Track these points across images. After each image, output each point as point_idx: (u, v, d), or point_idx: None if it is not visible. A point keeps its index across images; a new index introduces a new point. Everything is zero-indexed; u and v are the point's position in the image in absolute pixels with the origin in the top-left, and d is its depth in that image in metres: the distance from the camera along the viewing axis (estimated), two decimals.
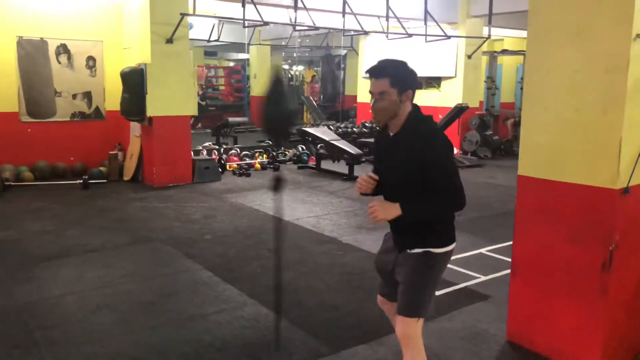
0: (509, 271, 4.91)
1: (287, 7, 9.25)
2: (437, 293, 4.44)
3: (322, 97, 18.61)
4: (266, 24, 8.73)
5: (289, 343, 3.61)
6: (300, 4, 9.03)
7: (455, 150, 12.23)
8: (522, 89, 13.61)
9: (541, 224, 3.44)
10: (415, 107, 2.55)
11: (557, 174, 3.33)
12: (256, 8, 8.35)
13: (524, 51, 14.07)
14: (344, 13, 9.68)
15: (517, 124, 13.31)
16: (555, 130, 3.32)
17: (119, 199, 7.71)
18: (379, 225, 6.75)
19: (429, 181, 2.40)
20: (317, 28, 9.64)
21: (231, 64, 26.44)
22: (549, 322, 3.43)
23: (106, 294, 4.36)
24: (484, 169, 10.95)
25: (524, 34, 14.84)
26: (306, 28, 9.74)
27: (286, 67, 31.07)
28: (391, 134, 2.59)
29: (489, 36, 11.92)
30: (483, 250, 5.60)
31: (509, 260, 5.16)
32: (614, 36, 3.00)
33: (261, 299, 4.27)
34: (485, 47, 12.43)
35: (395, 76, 2.48)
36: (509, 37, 15.09)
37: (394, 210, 2.42)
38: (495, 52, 14.09)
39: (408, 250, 2.58)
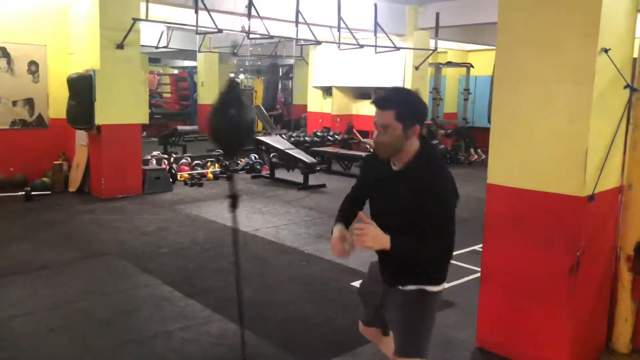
0: (470, 277, 5.07)
1: (241, 14, 9.13)
2: None
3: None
4: (220, 31, 8.58)
5: (260, 358, 3.50)
6: (254, 13, 8.94)
7: None
8: (465, 99, 14.22)
9: (510, 231, 3.51)
10: (425, 144, 2.31)
11: (526, 183, 3.41)
12: (210, 15, 8.19)
13: (467, 63, 14.61)
14: (297, 23, 9.67)
15: (447, 135, 13.67)
16: (524, 139, 3.40)
17: (66, 212, 7.32)
18: None
19: (426, 223, 2.22)
20: (271, 37, 9.59)
21: (175, 71, 25.95)
22: (518, 327, 3.50)
23: (60, 314, 4.09)
24: None
25: (466, 46, 15.55)
26: (260, 36, 9.65)
27: (232, 75, 30.88)
28: (394, 167, 2.36)
29: (436, 48, 12.22)
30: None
31: (469, 267, 5.31)
32: (581, 49, 3.11)
33: (227, 313, 4.13)
34: (430, 59, 12.76)
35: (401, 109, 2.22)
36: (452, 49, 15.56)
37: (383, 242, 2.21)
38: (440, 63, 14.48)
39: (400, 287, 2.41)
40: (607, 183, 3.32)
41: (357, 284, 4.86)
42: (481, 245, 5.99)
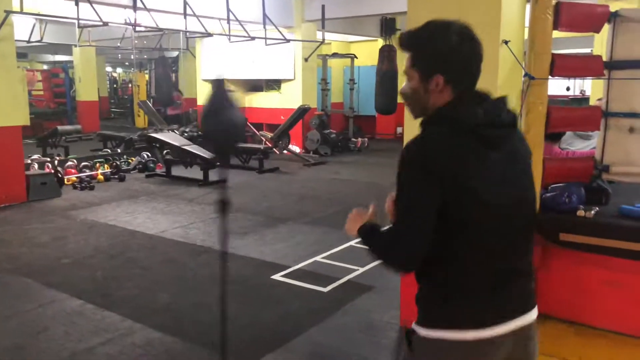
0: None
1: (126, 7, 8.67)
2: (324, 290, 4.60)
3: (151, 101, 17.77)
4: (105, 24, 8.08)
5: None
6: (140, 4, 8.53)
7: (299, 149, 12.61)
8: (351, 89, 14.65)
9: None
10: (452, 103, 1.57)
11: None
12: (93, 7, 7.69)
13: (352, 54, 15.04)
14: (185, 14, 9.39)
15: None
16: None
17: None
18: (252, 229, 6.70)
19: None
20: (160, 29, 9.20)
21: (45, 66, 24.02)
22: None
23: None
24: (328, 165, 11.43)
25: (349, 37, 16.01)
26: (146, 29, 9.23)
27: (109, 69, 29.18)
28: None
29: (324, 40, 12.50)
30: (352, 243, 5.83)
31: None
32: (484, 41, 3.33)
33: (149, 321, 3.96)
34: (317, 51, 13.01)
35: (418, 50, 1.60)
36: (336, 41, 15.96)
37: (355, 226, 1.75)
38: (327, 55, 14.78)
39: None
40: None
41: (276, 276, 4.89)
42: (385, 228, 6.36)
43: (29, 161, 9.02)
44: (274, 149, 11.61)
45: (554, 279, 3.26)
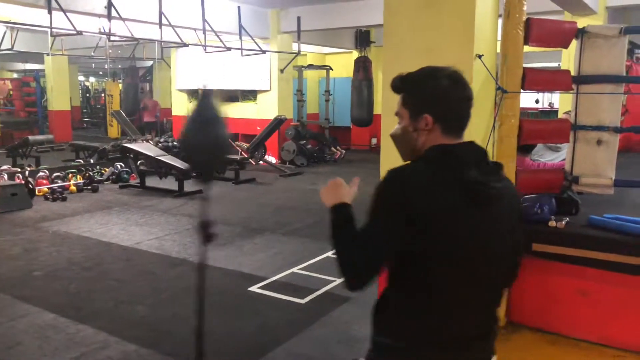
0: None
1: (100, 16, 8.59)
2: (302, 301, 4.61)
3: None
4: (79, 33, 7.99)
5: None
6: (114, 14, 8.47)
7: (275, 160, 12.61)
8: (326, 100, 14.74)
9: None
10: (440, 147, 1.56)
11: None
12: (67, 16, 7.60)
13: (327, 66, 15.17)
14: (160, 24, 9.35)
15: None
16: None
17: None
18: (229, 240, 6.66)
19: None
20: (135, 39, 9.14)
21: (15, 75, 23.58)
22: None
23: None
24: (304, 176, 11.45)
25: (325, 49, 16.14)
26: (120, 39, 9.16)
27: (82, 78, 28.76)
28: None
29: (299, 51, 12.59)
30: (329, 254, 5.87)
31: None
32: (459, 55, 3.43)
33: (124, 334, 3.91)
34: (293, 62, 13.10)
35: (410, 90, 1.63)
36: (311, 52, 16.07)
37: (331, 199, 1.70)
38: (303, 66, 14.86)
39: None
40: None
41: (253, 288, 4.88)
42: None
43: None
44: (250, 160, 11.59)
45: (527, 289, 3.34)
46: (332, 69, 15.10)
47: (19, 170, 9.44)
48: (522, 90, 3.69)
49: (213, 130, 1.79)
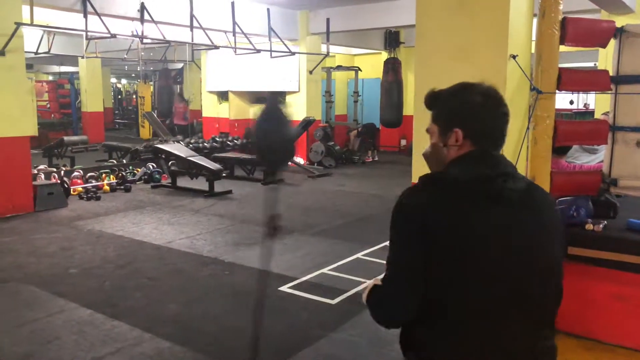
0: None
1: (133, 19, 8.76)
2: (332, 302, 4.61)
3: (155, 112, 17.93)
4: (113, 36, 8.17)
5: None
6: (147, 17, 8.63)
7: (303, 161, 12.65)
8: (355, 102, 14.70)
9: None
10: (462, 158, 1.50)
11: None
12: (101, 19, 7.77)
13: (356, 67, 15.12)
14: (192, 27, 9.47)
15: (359, 134, 14.18)
16: None
17: None
18: (259, 240, 6.69)
19: None
20: (166, 41, 9.29)
21: (50, 77, 24.20)
22: None
23: None
24: (332, 177, 11.46)
25: (354, 50, 16.12)
26: (152, 41, 9.32)
27: (114, 80, 29.34)
28: None
29: (328, 53, 12.60)
30: (359, 255, 5.87)
31: (383, 262, 5.55)
32: (492, 56, 3.40)
33: (157, 331, 3.99)
34: (322, 63, 13.12)
35: (441, 105, 1.60)
36: (339, 53, 16.07)
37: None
38: (331, 67, 14.88)
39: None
40: None
41: (283, 288, 4.91)
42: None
43: (36, 171, 9.07)
44: None
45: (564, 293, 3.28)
46: (360, 70, 15.07)
47: (54, 170, 9.68)
48: (557, 91, 3.63)
49: (283, 131, 1.91)
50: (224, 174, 9.60)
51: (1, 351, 3.70)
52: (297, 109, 13.13)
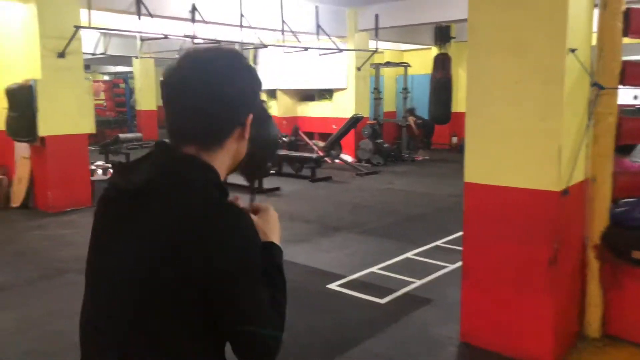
0: (440, 273, 5.21)
1: (185, 19, 8.95)
2: (381, 301, 4.57)
3: None
4: (165, 37, 8.37)
5: None
6: (198, 17, 8.79)
7: (351, 159, 12.60)
8: (405, 98, 14.51)
9: (489, 227, 3.64)
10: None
11: (503, 180, 3.54)
12: (154, 21, 7.98)
13: (405, 63, 14.89)
14: (241, 26, 9.59)
15: (419, 126, 14.00)
16: (498, 138, 3.54)
17: (13, 228, 6.91)
18: (307, 237, 6.72)
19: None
20: (216, 41, 9.44)
21: (106, 77, 25.04)
22: (501, 320, 3.63)
23: (32, 338, 3.87)
24: (380, 175, 11.35)
25: (401, 46, 15.93)
26: (203, 41, 9.49)
27: None
28: None
29: (377, 49, 12.51)
30: (409, 255, 5.79)
31: (436, 262, 5.46)
32: (550, 50, 3.27)
33: None
34: (370, 60, 13.03)
35: None
36: (388, 49, 15.92)
37: (276, 233, 1.42)
38: (380, 64, 14.76)
39: None
40: (576, 177, 3.52)
41: (332, 286, 4.90)
42: (443, 240, 6.23)
43: (93, 167, 9.41)
44: (326, 158, 11.66)
45: (627, 300, 3.13)
46: (410, 66, 14.90)
47: (111, 166, 10.03)
48: (620, 86, 3.47)
49: (269, 129, 1.80)
50: (271, 171, 9.68)
51: (61, 337, 3.85)
52: (345, 106, 13.13)
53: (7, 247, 6.12)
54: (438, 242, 6.15)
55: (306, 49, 11.08)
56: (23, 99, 7.40)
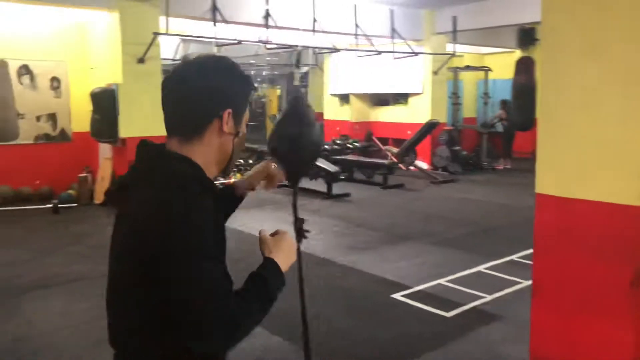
0: (513, 289, 4.93)
1: (258, 25, 9.11)
2: (447, 314, 4.38)
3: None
4: (239, 42, 8.55)
5: None
6: (270, 23, 8.92)
7: (426, 166, 12.30)
8: (485, 103, 13.99)
9: (563, 243, 3.38)
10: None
11: (578, 192, 3.28)
12: (229, 27, 8.19)
13: (485, 67, 14.38)
14: (314, 31, 9.63)
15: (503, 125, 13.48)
16: (573, 147, 3.29)
17: (95, 224, 7.32)
18: (372, 245, 6.61)
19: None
20: (289, 46, 9.55)
21: None
22: (574, 342, 3.37)
23: (103, 327, 4.01)
24: (457, 184, 10.99)
25: (482, 49, 15.38)
26: (277, 46, 9.62)
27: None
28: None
29: (454, 53, 12.14)
30: (481, 268, 5.54)
31: (509, 278, 5.18)
32: (630, 51, 2.99)
33: (268, 326, 4.05)
34: (447, 63, 12.68)
35: None
36: (468, 53, 15.43)
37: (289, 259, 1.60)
38: (458, 68, 14.35)
39: None
40: None
41: (396, 295, 4.77)
42: (519, 255, 5.91)
43: None
44: (400, 165, 11.44)
45: None
46: (491, 70, 14.38)
47: None
48: None
49: (308, 137, 1.81)
50: (341, 177, 9.64)
51: None
52: (420, 111, 12.83)
53: (87, 240, 6.48)
54: (513, 257, 5.84)
55: (379, 52, 10.95)
56: (105, 102, 7.84)
